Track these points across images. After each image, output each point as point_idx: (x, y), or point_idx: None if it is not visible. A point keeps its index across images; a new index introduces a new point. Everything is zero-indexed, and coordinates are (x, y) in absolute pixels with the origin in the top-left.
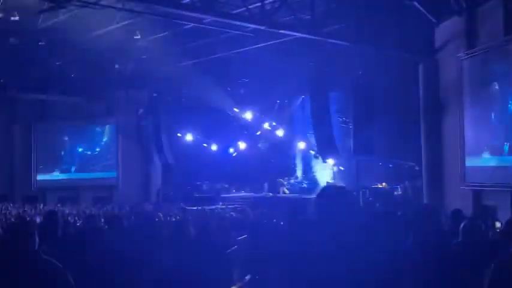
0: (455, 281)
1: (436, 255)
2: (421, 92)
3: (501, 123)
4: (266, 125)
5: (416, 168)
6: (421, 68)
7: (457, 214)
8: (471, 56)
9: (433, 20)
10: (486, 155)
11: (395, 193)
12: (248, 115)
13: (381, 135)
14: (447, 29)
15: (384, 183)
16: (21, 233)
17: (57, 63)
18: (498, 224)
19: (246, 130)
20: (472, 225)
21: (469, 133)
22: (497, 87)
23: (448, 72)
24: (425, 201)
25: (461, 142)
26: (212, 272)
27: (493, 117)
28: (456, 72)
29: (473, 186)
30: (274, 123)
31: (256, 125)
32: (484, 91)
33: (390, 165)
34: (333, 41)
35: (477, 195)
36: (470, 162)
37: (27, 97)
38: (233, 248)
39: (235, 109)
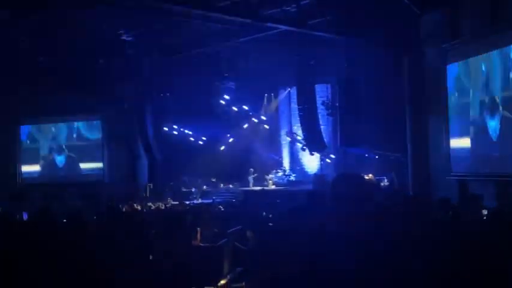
0: (446, 270)
1: (425, 244)
2: (406, 83)
3: (485, 113)
4: (253, 118)
5: (402, 159)
6: (405, 59)
7: (445, 203)
8: (456, 47)
9: (418, 12)
10: (470, 144)
11: (382, 184)
12: (235, 108)
13: (367, 126)
14: (432, 20)
15: (370, 175)
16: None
17: (41, 58)
18: (485, 212)
19: (233, 123)
20: (460, 213)
21: (453, 123)
22: (481, 77)
23: (433, 64)
24: (411, 191)
25: (446, 132)
26: (202, 264)
27: (477, 107)
28: (441, 63)
29: (459, 176)
30: (262, 117)
31: (243, 118)
32: (468, 82)
33: (376, 157)
34: (319, 33)
35: (463, 184)
36: (455, 152)
37: (13, 92)
38: (223, 240)
39: (221, 101)
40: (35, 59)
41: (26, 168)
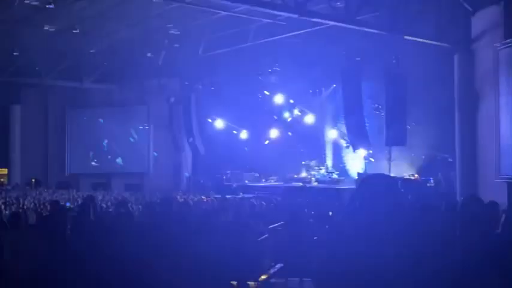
0: (495, 275)
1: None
2: (456, 82)
3: None
4: (296, 111)
5: (450, 159)
6: (456, 57)
7: (493, 206)
8: (508, 46)
9: (470, 9)
10: None
11: (428, 185)
12: (279, 100)
13: (414, 125)
14: (484, 18)
15: (416, 175)
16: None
17: (91, 51)
18: None
19: (278, 118)
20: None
21: (504, 125)
22: None
23: (484, 63)
24: (458, 193)
25: (496, 134)
26: (243, 260)
27: None
28: (492, 63)
29: (508, 178)
30: (305, 110)
31: (287, 112)
32: None
33: (423, 157)
34: (367, 29)
35: None
36: (505, 154)
37: (61, 84)
38: (264, 236)
39: (266, 92)
40: (86, 51)
41: (73, 159)
